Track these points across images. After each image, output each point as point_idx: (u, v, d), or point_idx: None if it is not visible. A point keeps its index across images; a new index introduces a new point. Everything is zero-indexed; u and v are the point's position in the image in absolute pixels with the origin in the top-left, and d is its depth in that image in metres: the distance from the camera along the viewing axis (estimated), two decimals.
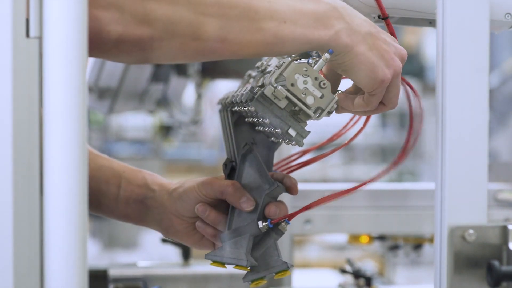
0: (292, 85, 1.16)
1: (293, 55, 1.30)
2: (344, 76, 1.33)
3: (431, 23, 1.35)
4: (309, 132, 1.18)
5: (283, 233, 1.29)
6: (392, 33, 1.20)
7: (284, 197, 1.24)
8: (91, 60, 2.08)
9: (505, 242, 1.09)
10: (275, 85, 1.16)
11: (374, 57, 1.15)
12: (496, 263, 1.07)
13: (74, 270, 0.91)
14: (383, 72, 1.16)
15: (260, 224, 1.27)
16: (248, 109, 1.19)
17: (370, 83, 1.17)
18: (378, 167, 8.27)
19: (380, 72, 1.15)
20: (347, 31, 1.14)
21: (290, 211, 1.29)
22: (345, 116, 1.34)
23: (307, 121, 1.19)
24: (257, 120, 1.23)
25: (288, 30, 1.13)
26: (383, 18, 1.20)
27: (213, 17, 1.10)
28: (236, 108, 1.29)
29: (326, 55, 1.18)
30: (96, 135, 6.58)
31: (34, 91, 0.95)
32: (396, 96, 1.20)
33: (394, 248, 2.29)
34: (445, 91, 1.09)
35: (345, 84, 1.30)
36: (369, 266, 3.01)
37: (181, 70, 2.33)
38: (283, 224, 1.28)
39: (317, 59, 1.18)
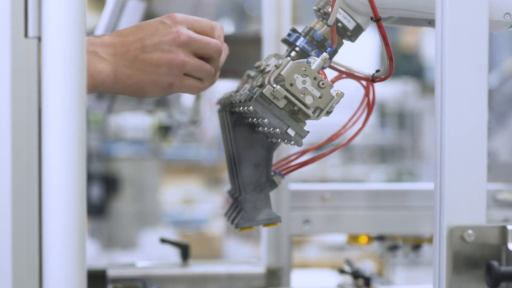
0: (291, 85, 1.16)
1: (292, 55, 1.29)
2: (344, 76, 1.33)
3: (430, 23, 1.35)
4: (308, 132, 1.18)
5: (277, 185, 1.32)
6: (384, 36, 1.20)
7: (282, 196, 1.24)
8: None
9: (504, 242, 1.09)
10: (274, 85, 1.16)
11: (149, 75, 1.23)
12: (495, 263, 1.07)
13: (73, 270, 0.91)
14: (167, 79, 1.24)
15: (276, 179, 1.31)
16: (247, 109, 1.19)
17: (162, 91, 1.24)
18: (377, 167, 8.27)
19: (163, 80, 1.24)
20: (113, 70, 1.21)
21: (288, 211, 1.28)
22: (344, 116, 1.33)
23: (306, 121, 1.19)
24: (256, 120, 1.23)
25: None
26: (375, 20, 1.19)
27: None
28: (235, 108, 1.29)
29: (325, 55, 1.18)
30: (95, 135, 6.57)
31: (33, 91, 0.95)
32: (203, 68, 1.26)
33: (393, 248, 2.28)
34: (444, 91, 1.09)
35: (345, 84, 1.30)
36: (368, 266, 3.00)
37: None
38: (278, 177, 1.32)
39: (316, 58, 1.18)
